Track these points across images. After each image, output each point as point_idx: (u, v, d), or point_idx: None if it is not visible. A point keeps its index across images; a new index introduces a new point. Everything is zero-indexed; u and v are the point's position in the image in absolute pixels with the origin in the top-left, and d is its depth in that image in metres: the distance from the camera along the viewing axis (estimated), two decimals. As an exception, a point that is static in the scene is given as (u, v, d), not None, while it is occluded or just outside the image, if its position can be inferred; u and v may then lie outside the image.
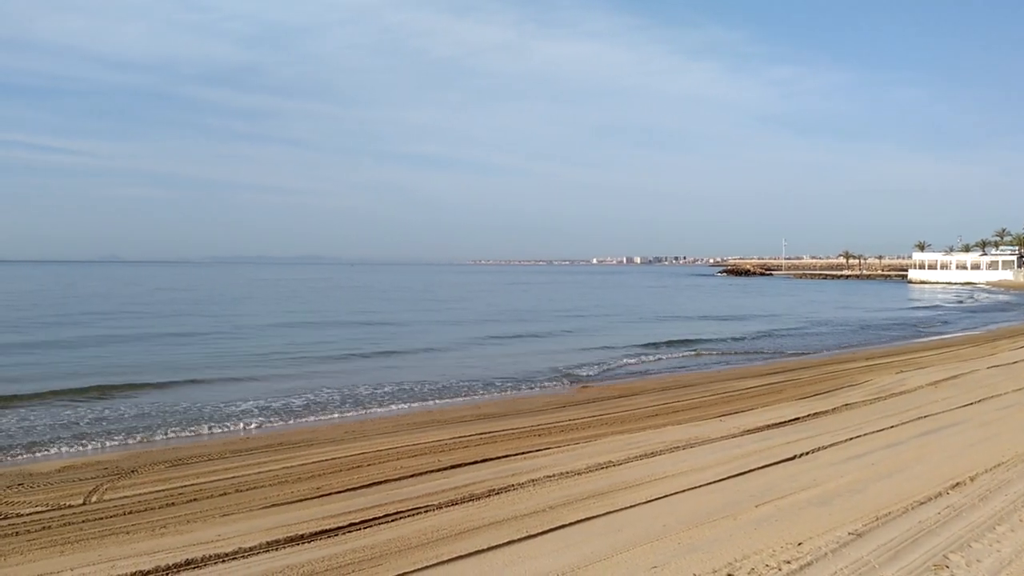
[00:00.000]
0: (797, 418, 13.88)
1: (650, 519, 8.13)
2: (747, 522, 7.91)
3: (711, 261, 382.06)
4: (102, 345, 29.71)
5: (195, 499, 9.42)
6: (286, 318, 45.59)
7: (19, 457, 12.66)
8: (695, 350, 29.47)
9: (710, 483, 9.50)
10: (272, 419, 15.98)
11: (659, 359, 26.91)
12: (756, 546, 7.19)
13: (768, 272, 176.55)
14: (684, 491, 9.18)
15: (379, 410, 17.08)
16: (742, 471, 10.05)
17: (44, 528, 8.34)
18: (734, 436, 12.39)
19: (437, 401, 18.27)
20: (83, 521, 8.58)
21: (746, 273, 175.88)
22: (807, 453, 11.01)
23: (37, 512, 8.99)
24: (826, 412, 14.50)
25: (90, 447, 13.42)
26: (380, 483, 9.94)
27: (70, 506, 9.24)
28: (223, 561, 7.12)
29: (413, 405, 17.75)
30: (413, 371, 23.39)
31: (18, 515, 8.87)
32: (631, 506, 8.63)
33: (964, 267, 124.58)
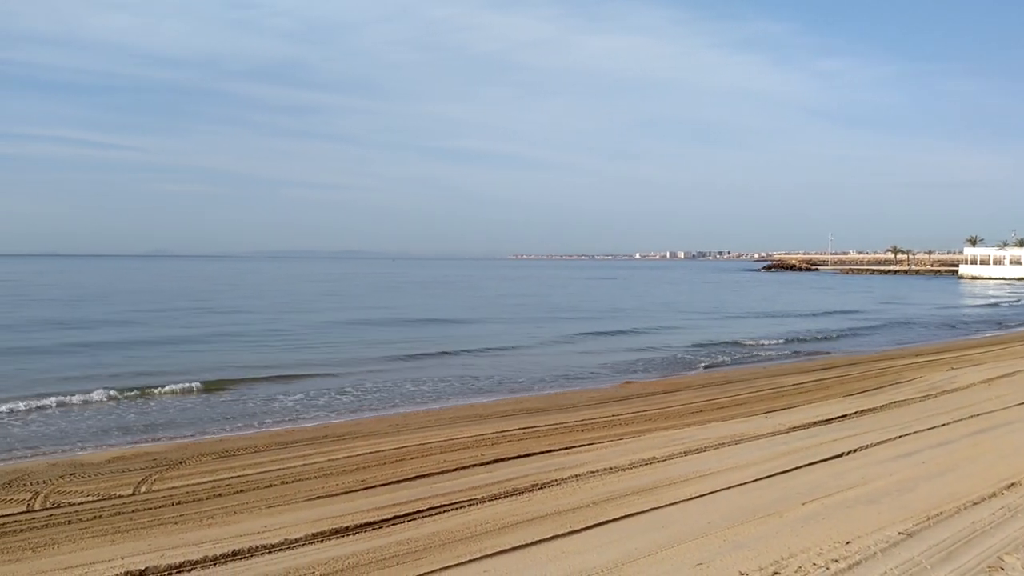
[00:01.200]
0: (844, 415, 13.68)
1: (695, 516, 8.06)
2: (794, 520, 7.81)
3: (756, 256, 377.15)
4: (154, 343, 30.19)
5: (242, 490, 9.54)
6: (341, 314, 45.40)
7: (70, 448, 12.93)
8: (740, 345, 29.18)
9: (756, 480, 9.39)
10: (317, 413, 16.17)
11: (704, 354, 26.69)
12: (803, 544, 7.09)
13: (814, 267, 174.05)
14: (729, 488, 9.09)
15: (421, 404, 17.17)
16: (788, 468, 9.92)
17: (95, 517, 8.49)
18: (780, 433, 12.24)
19: (479, 396, 18.32)
20: (133, 511, 8.73)
21: (791, 268, 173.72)
22: (855, 451, 10.84)
23: (88, 501, 9.17)
24: (874, 409, 14.26)
25: (138, 439, 13.66)
26: (424, 476, 9.98)
27: (120, 496, 9.41)
28: (269, 552, 7.19)
29: (455, 400, 17.82)
30: (455, 366, 23.48)
31: (71, 504, 9.06)
32: (675, 502, 8.56)
33: (1018, 262, 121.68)
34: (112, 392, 17.78)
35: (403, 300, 60.45)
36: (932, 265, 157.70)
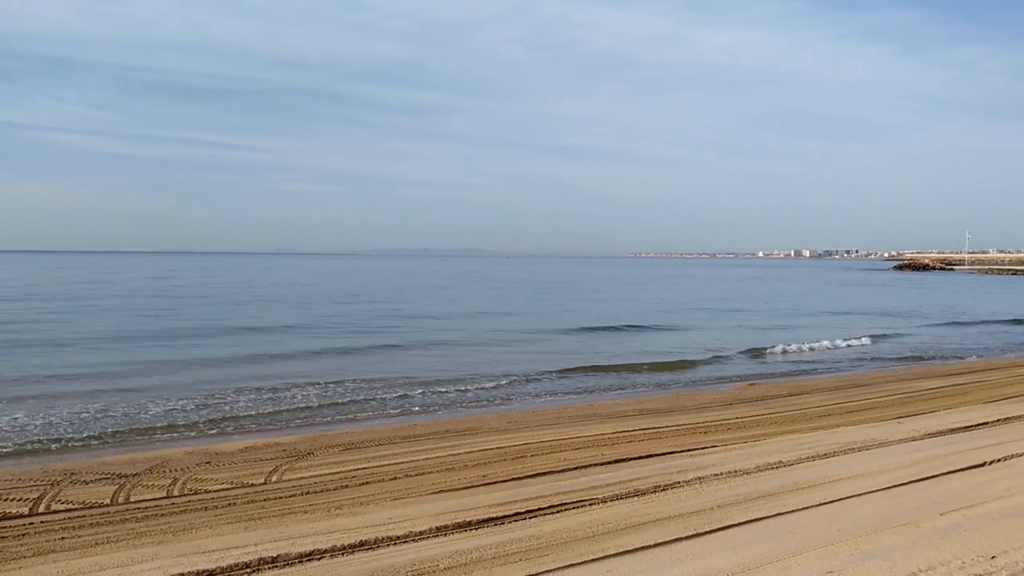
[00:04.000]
0: (985, 422, 12.97)
1: (824, 522, 7.79)
2: (931, 530, 7.45)
3: (885, 255, 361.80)
4: (286, 335, 31.25)
5: (367, 482, 9.77)
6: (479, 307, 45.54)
7: (205, 437, 13.55)
8: (866, 346, 28.11)
9: (889, 488, 9.01)
10: (437, 407, 16.44)
11: (830, 356, 25.82)
12: (942, 556, 6.75)
13: (949, 267, 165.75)
14: (860, 495, 8.75)
15: (540, 401, 17.23)
16: (924, 476, 9.48)
17: (230, 505, 8.86)
18: (915, 439, 11.71)
19: (598, 395, 18.25)
20: (264, 499, 9.06)
21: (924, 268, 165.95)
22: (998, 460, 10.26)
23: (223, 489, 9.57)
24: (1019, 417, 13.47)
25: (270, 429, 14.20)
26: (544, 474, 9.99)
27: (252, 485, 9.79)
28: (395, 544, 7.34)
29: (575, 398, 17.80)
30: (574, 362, 23.44)
31: (206, 491, 9.47)
32: (803, 508, 8.30)
33: None
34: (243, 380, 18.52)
35: (572, 304, 58.39)
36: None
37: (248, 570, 6.72)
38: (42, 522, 8.22)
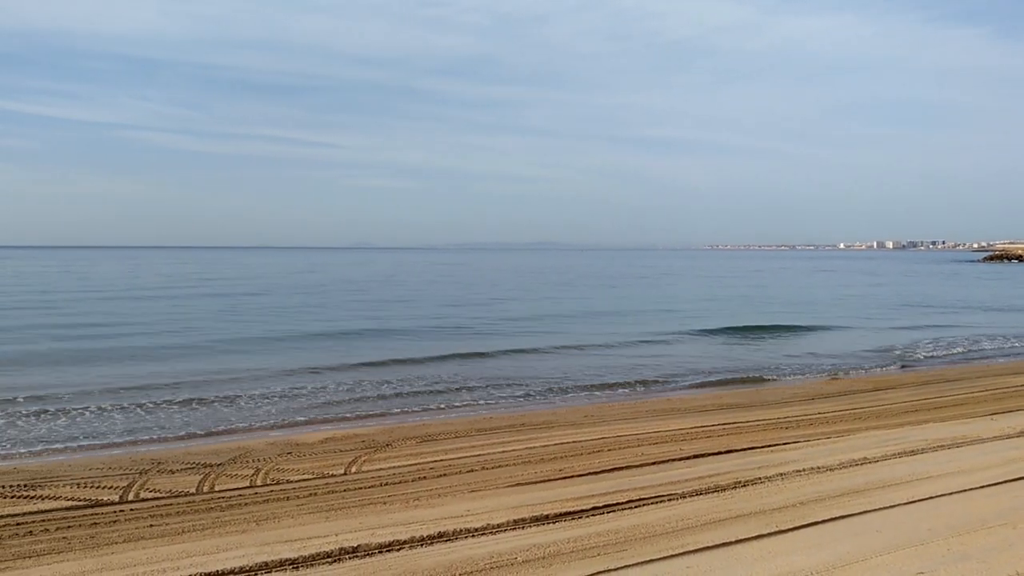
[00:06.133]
0: (1085, 420, 12.41)
1: (913, 521, 7.54)
2: (1028, 532, 7.14)
3: (975, 246, 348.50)
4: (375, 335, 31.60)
5: (445, 474, 9.83)
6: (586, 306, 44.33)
7: (287, 428, 13.82)
8: (955, 342, 27.17)
9: (982, 487, 8.68)
10: (520, 400, 16.47)
11: (918, 352, 25.06)
12: (1041, 559, 6.47)
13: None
14: (951, 494, 8.45)
15: (616, 395, 17.12)
16: (1020, 476, 9.10)
17: (311, 495, 9.00)
18: (1009, 437, 11.26)
19: (676, 390, 18.05)
20: (344, 490, 9.18)
21: (1018, 259, 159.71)
22: (1099, 459, 9.80)
23: (304, 480, 9.73)
24: (1121, 414, 12.86)
25: (349, 421, 14.41)
26: (621, 469, 9.91)
27: (333, 475, 9.93)
28: (472, 536, 7.35)
29: (651, 394, 17.64)
30: (651, 359, 23.23)
31: (288, 481, 9.64)
32: (890, 506, 8.05)
33: None
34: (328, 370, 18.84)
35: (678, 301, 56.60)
36: None
37: (329, 560, 6.81)
38: (131, 510, 8.47)
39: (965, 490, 8.57)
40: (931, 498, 8.31)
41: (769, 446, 11.07)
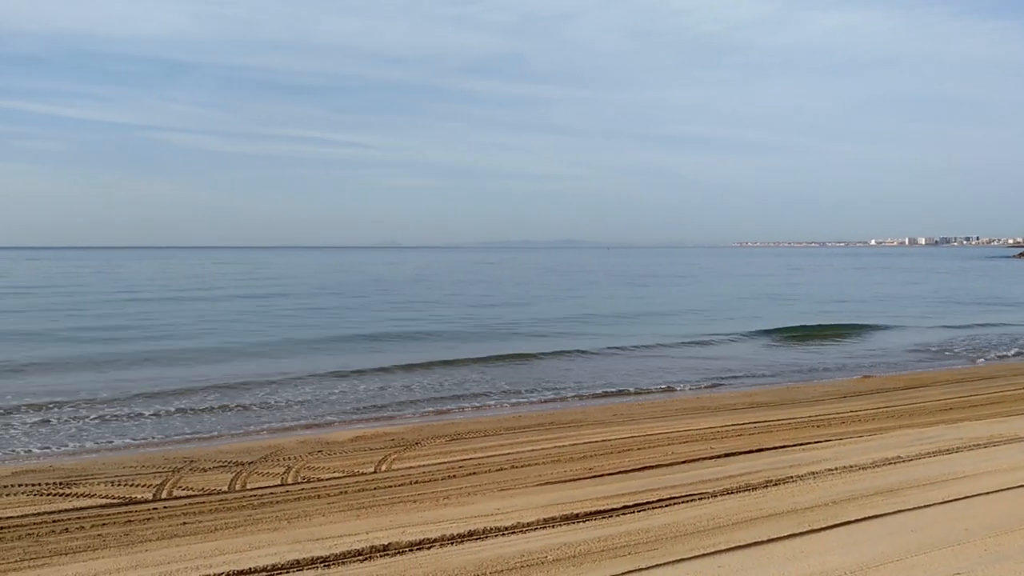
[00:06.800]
0: (1125, 418, 12.19)
1: (948, 521, 7.44)
2: (1068, 532, 7.02)
3: (1010, 241, 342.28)
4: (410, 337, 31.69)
5: (474, 472, 9.83)
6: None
7: (317, 427, 13.91)
8: (991, 337, 26.80)
9: (1020, 486, 8.53)
10: (544, 400, 16.48)
11: (950, 348, 24.74)
12: (1081, 560, 6.35)
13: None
14: (987, 493, 8.32)
15: (645, 395, 17.06)
16: (1059, 474, 8.95)
17: (341, 493, 9.04)
18: (1046, 435, 11.08)
19: (705, 389, 17.95)
20: (375, 488, 9.21)
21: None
22: None
23: (335, 478, 9.77)
24: None
25: (378, 420, 14.47)
26: (652, 467, 9.86)
27: (363, 473, 9.97)
28: (503, 535, 7.35)
29: (680, 392, 17.57)
30: (680, 360, 23.13)
31: (319, 480, 9.69)
32: (925, 506, 7.95)
33: None
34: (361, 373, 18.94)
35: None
36: None
37: (360, 557, 6.84)
38: (165, 507, 8.56)
39: (1002, 489, 8.44)
40: (967, 497, 8.19)
41: (800, 444, 10.97)
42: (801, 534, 7.18)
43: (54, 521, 8.05)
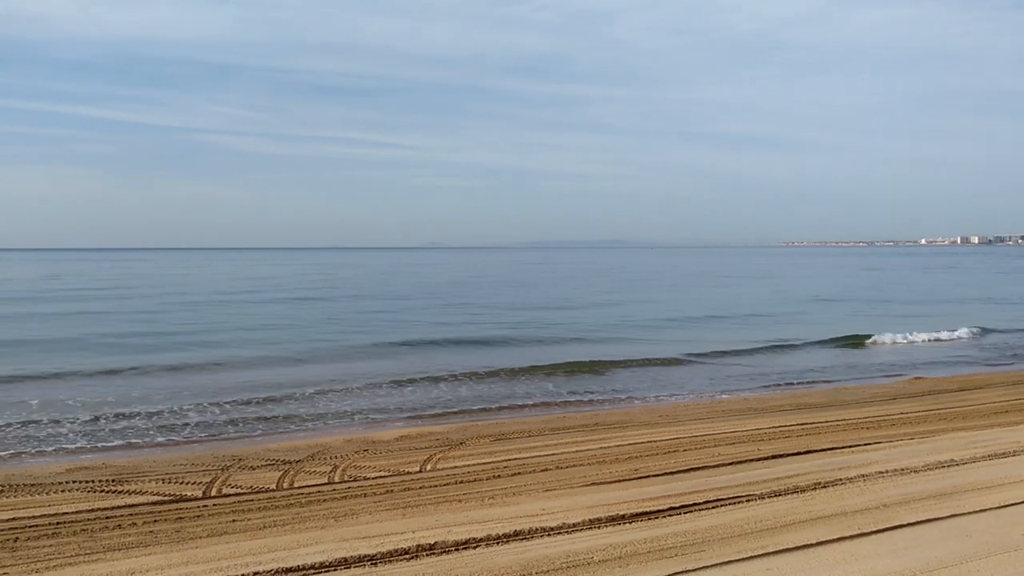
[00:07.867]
0: None
1: (1004, 526, 7.28)
2: None
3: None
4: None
5: (519, 473, 9.83)
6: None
7: (363, 426, 14.03)
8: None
9: (1078, 491, 8.33)
10: (581, 402, 16.44)
11: (1008, 349, 24.20)
12: None
13: None
14: (1045, 498, 8.13)
15: (691, 396, 16.93)
16: (1119, 479, 8.72)
17: (387, 492, 9.09)
18: (1106, 439, 10.80)
19: (752, 390, 17.77)
20: (420, 487, 9.25)
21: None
22: None
23: (380, 477, 9.84)
24: None
25: (423, 419, 14.55)
26: (698, 469, 9.78)
27: (408, 473, 10.02)
28: (548, 535, 7.34)
29: (726, 394, 17.40)
30: (712, 363, 22.92)
31: (365, 478, 9.76)
32: (979, 511, 7.79)
33: None
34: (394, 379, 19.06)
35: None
36: None
37: (407, 556, 6.88)
38: (214, 505, 8.68)
39: (1060, 494, 8.24)
40: (1023, 503, 8.02)
41: (850, 447, 10.81)
42: (851, 537, 7.08)
43: (107, 517, 8.20)
